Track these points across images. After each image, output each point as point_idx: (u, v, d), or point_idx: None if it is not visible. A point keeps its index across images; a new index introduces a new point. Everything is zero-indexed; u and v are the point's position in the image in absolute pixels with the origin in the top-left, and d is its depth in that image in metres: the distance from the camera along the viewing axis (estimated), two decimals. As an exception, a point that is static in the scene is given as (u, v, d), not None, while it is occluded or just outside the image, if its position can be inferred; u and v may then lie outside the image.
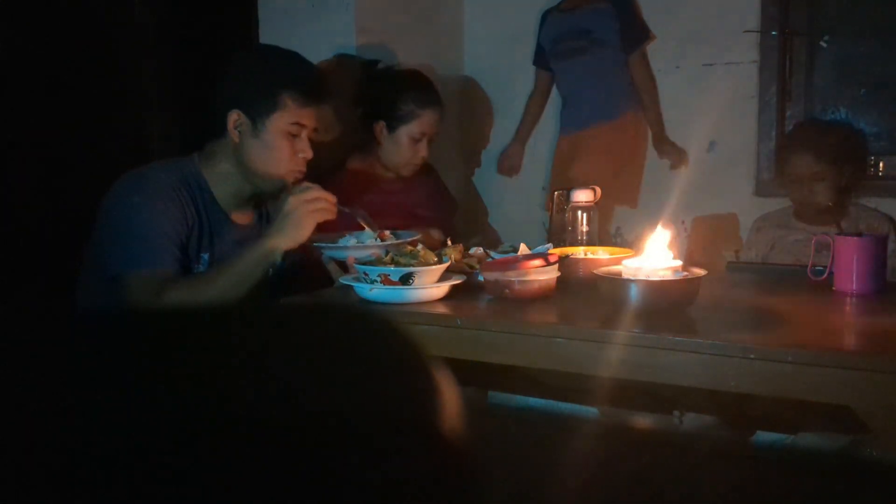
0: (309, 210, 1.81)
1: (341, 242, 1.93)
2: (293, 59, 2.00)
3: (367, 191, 2.49)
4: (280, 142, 1.91)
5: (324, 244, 1.92)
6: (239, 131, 1.91)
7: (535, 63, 3.31)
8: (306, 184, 1.88)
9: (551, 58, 3.18)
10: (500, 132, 3.46)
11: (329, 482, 0.32)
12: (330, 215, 1.86)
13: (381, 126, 2.50)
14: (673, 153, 3.11)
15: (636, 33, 3.08)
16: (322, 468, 0.32)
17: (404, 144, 2.50)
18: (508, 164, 3.37)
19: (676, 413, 1.90)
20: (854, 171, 2.67)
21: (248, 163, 1.92)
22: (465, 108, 3.44)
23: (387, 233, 1.98)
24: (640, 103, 3.10)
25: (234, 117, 1.90)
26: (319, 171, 2.45)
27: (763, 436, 1.77)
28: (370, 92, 2.57)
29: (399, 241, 1.93)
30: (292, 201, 1.81)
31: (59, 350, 0.35)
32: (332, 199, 1.85)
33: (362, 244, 1.88)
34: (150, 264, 1.79)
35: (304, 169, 1.96)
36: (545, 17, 3.22)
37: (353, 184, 2.48)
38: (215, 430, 0.32)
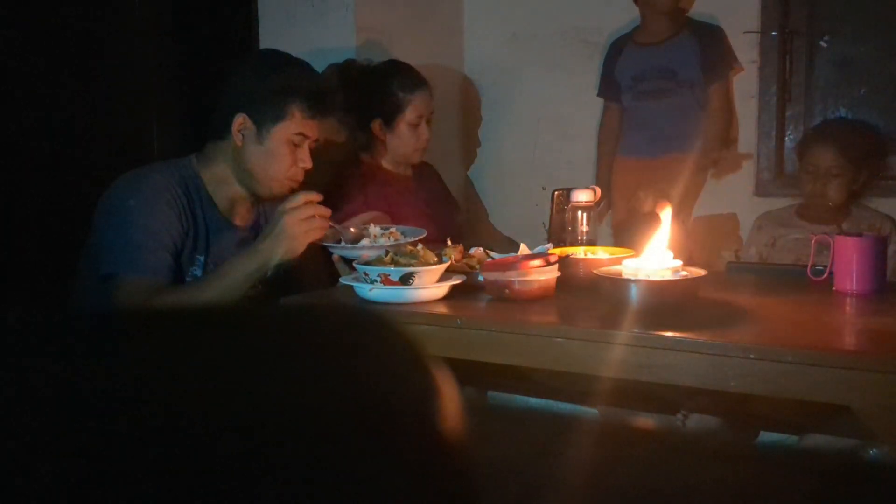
0: (303, 230, 1.79)
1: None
2: (304, 69, 2.00)
3: (379, 184, 2.50)
4: (282, 150, 1.91)
5: (335, 244, 1.92)
6: (243, 135, 1.90)
7: (601, 95, 3.14)
8: (303, 197, 1.83)
9: (630, 94, 3.01)
10: (499, 131, 3.46)
11: (329, 482, 0.32)
12: (322, 233, 1.85)
13: (378, 124, 2.51)
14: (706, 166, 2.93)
15: (716, 65, 2.91)
16: (321, 468, 0.32)
17: (405, 134, 2.51)
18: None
19: (681, 414, 1.91)
20: (868, 176, 2.67)
21: (248, 167, 1.92)
22: (466, 107, 3.45)
23: (394, 229, 1.98)
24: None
25: (240, 121, 1.90)
26: (333, 167, 2.47)
27: (767, 436, 1.77)
28: (355, 94, 2.58)
29: (410, 238, 1.93)
30: (287, 220, 1.78)
31: (57, 350, 0.35)
32: (327, 213, 1.85)
33: (375, 245, 1.88)
34: (142, 271, 1.79)
35: (301, 178, 1.96)
36: (619, 48, 3.05)
37: (368, 175, 2.50)
38: (214, 431, 0.32)
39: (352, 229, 1.97)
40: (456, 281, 1.72)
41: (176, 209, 1.86)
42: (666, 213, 1.64)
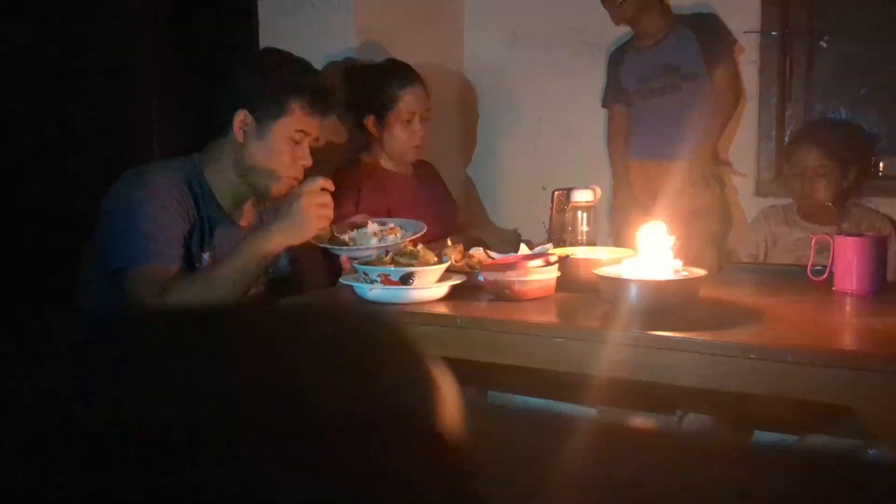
0: (316, 214, 1.81)
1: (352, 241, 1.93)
2: (304, 67, 2.02)
3: (380, 183, 2.50)
4: (282, 146, 1.92)
5: (342, 247, 1.91)
6: (244, 131, 1.91)
7: (605, 105, 3.10)
8: (321, 181, 1.84)
9: (638, 96, 2.96)
10: (499, 131, 3.46)
11: (329, 482, 0.32)
12: (329, 222, 1.86)
13: (371, 121, 2.52)
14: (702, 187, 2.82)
15: (716, 50, 2.86)
16: (322, 468, 0.32)
17: (398, 130, 2.51)
18: (626, 208, 3.00)
19: (678, 413, 1.91)
20: (858, 174, 2.67)
21: (249, 163, 1.93)
22: (465, 107, 3.44)
23: (393, 224, 1.98)
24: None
25: (241, 117, 1.91)
26: (333, 166, 2.47)
27: (766, 436, 1.77)
28: (352, 93, 2.59)
29: (412, 233, 1.93)
30: (302, 200, 1.80)
31: (59, 351, 0.35)
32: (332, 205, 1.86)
33: (383, 243, 1.88)
34: (154, 260, 1.79)
35: (301, 176, 1.96)
36: (620, 56, 3.02)
37: (367, 175, 2.50)
38: (215, 430, 0.32)
39: (347, 235, 1.97)
40: (456, 281, 1.72)
41: (181, 203, 1.86)
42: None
